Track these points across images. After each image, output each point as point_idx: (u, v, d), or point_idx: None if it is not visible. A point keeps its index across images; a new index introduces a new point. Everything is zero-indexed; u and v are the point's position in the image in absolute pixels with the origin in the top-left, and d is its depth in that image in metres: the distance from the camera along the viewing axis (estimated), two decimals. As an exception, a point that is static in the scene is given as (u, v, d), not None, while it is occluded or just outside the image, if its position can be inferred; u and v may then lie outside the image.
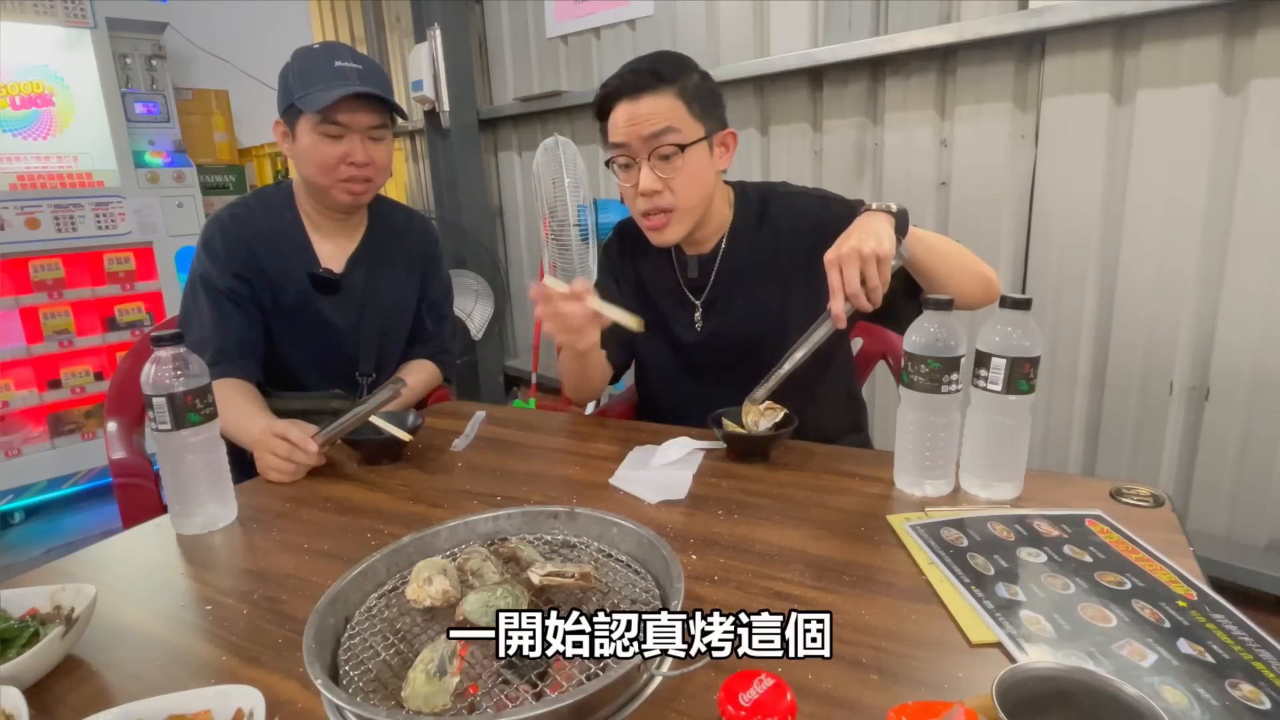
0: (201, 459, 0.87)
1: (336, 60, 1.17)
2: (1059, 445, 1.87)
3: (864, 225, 0.93)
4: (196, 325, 1.19)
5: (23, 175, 2.56)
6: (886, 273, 0.90)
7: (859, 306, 0.91)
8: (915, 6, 1.89)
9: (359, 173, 1.21)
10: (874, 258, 0.88)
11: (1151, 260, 1.65)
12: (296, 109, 1.16)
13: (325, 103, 1.13)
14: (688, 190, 1.07)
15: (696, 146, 1.06)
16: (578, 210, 2.36)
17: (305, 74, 1.17)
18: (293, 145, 1.21)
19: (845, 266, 0.89)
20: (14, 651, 0.58)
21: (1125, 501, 0.82)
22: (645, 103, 1.04)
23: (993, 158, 1.83)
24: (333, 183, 1.20)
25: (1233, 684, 0.51)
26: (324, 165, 1.18)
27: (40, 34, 2.57)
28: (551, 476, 1.00)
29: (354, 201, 1.24)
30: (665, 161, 1.05)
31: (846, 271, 0.89)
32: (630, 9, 2.57)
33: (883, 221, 0.93)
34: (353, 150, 1.18)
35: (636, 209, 1.12)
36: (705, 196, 1.11)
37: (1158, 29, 1.56)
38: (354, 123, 1.18)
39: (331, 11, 3.84)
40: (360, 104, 1.17)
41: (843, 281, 0.90)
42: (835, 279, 0.90)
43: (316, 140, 1.17)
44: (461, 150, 3.15)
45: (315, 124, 1.16)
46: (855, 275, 0.89)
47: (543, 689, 0.54)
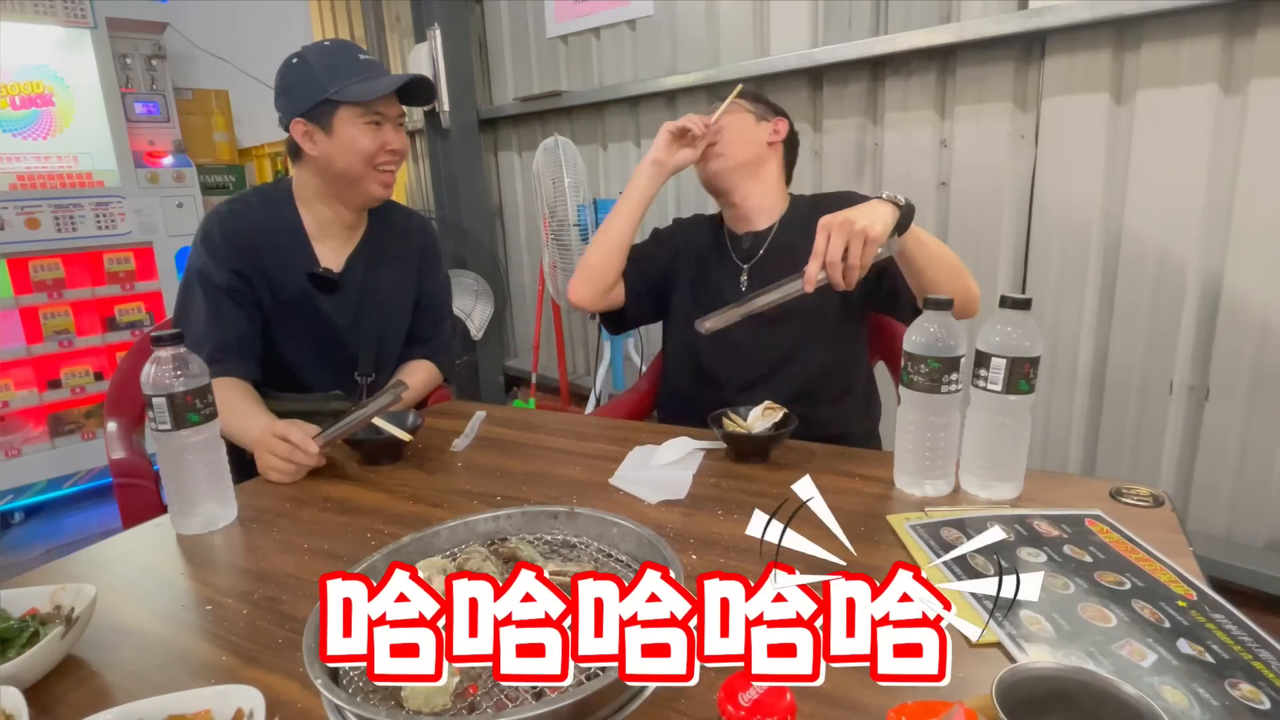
0: (201, 459, 0.87)
1: (358, 54, 1.19)
2: (1059, 445, 1.87)
3: (868, 206, 0.97)
4: (193, 322, 1.18)
5: (23, 175, 2.56)
6: (870, 254, 0.93)
7: (832, 280, 0.94)
8: (915, 6, 1.88)
9: (394, 160, 1.23)
10: (863, 235, 0.92)
11: (1151, 260, 1.65)
12: (333, 102, 1.16)
13: (377, 92, 1.16)
14: (728, 133, 1.26)
15: (746, 112, 1.30)
16: (578, 210, 2.36)
17: (334, 69, 1.17)
18: (327, 140, 1.18)
19: (834, 233, 0.93)
20: (14, 651, 0.59)
21: (1125, 501, 0.82)
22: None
23: (993, 158, 1.83)
24: (369, 171, 1.21)
25: (1232, 684, 0.51)
26: (368, 154, 1.19)
27: (40, 34, 2.57)
28: (551, 476, 1.00)
29: (385, 193, 1.26)
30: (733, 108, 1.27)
31: (833, 238, 0.93)
32: (630, 9, 2.57)
33: (886, 209, 0.97)
34: (390, 138, 1.21)
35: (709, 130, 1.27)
36: (744, 144, 1.26)
37: (1158, 29, 1.56)
38: (390, 112, 1.21)
39: (331, 11, 3.83)
40: (391, 94, 1.19)
41: (826, 247, 0.93)
42: (821, 241, 0.94)
43: (361, 130, 1.18)
44: (461, 150, 3.15)
45: (359, 114, 1.17)
46: (840, 245, 0.92)
47: (543, 689, 0.54)
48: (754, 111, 1.29)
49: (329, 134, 1.18)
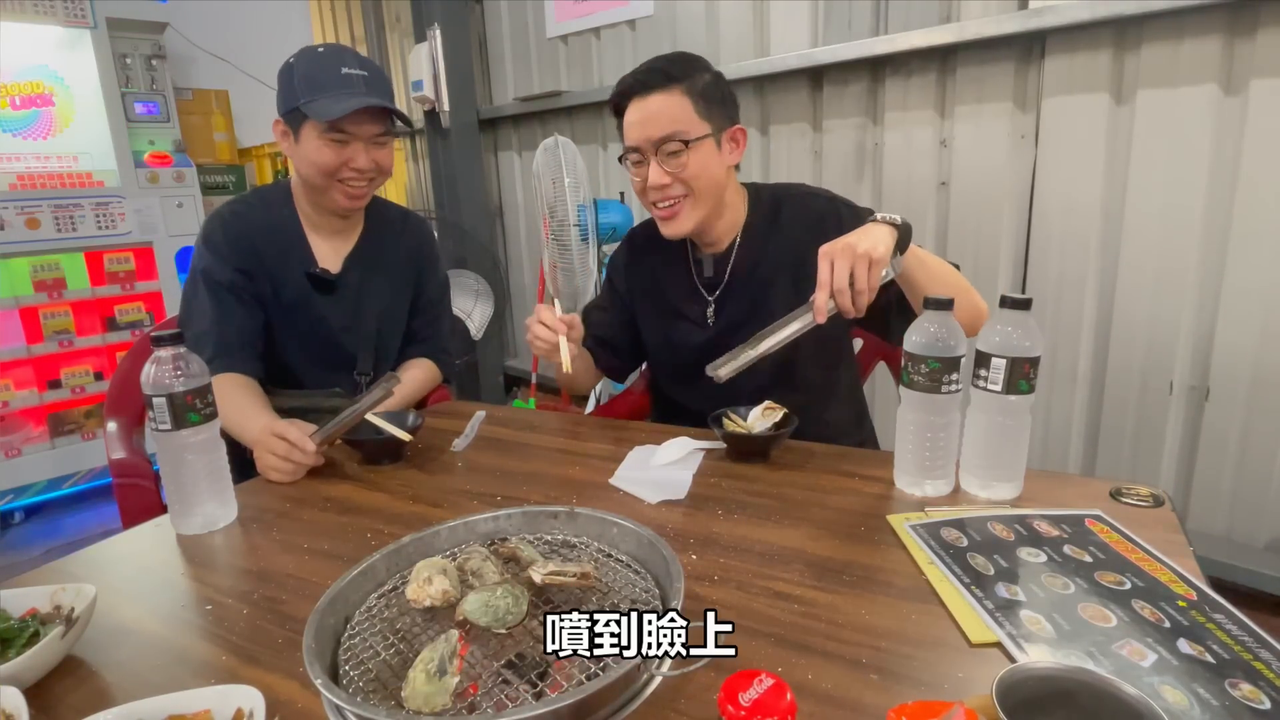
0: (201, 459, 0.87)
1: (343, 67, 1.16)
2: (1059, 445, 1.87)
3: (865, 229, 0.94)
4: (197, 319, 1.19)
5: (23, 175, 2.56)
6: (876, 277, 0.90)
7: (842, 307, 0.91)
8: (915, 6, 1.89)
9: (360, 177, 1.21)
10: (866, 258, 0.89)
11: (1151, 260, 1.65)
12: (301, 113, 1.16)
13: (335, 114, 1.13)
14: (696, 181, 1.11)
15: (702, 143, 1.09)
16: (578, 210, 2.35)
17: (311, 80, 1.16)
18: (294, 146, 1.21)
19: (837, 260, 0.90)
20: (14, 651, 0.59)
21: (1125, 501, 0.82)
22: (654, 100, 1.09)
23: (993, 158, 1.83)
24: (331, 184, 1.21)
25: (1233, 684, 0.51)
26: (326, 169, 1.19)
27: (40, 34, 2.57)
28: (551, 476, 1.00)
29: (351, 205, 1.25)
30: (673, 158, 1.10)
31: (837, 265, 0.90)
32: (630, 9, 2.57)
33: (884, 230, 0.94)
34: (355, 156, 1.19)
35: (648, 201, 1.16)
36: (715, 186, 1.13)
37: (1158, 29, 1.56)
38: (360, 132, 1.18)
39: (331, 11, 3.83)
40: (366, 114, 1.17)
41: (831, 276, 0.90)
42: (825, 271, 0.91)
43: (320, 145, 1.17)
44: (461, 150, 3.15)
45: (321, 131, 1.16)
46: (845, 271, 0.89)
47: (543, 689, 0.54)
48: (710, 125, 1.09)
49: (297, 142, 1.20)
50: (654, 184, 1.11)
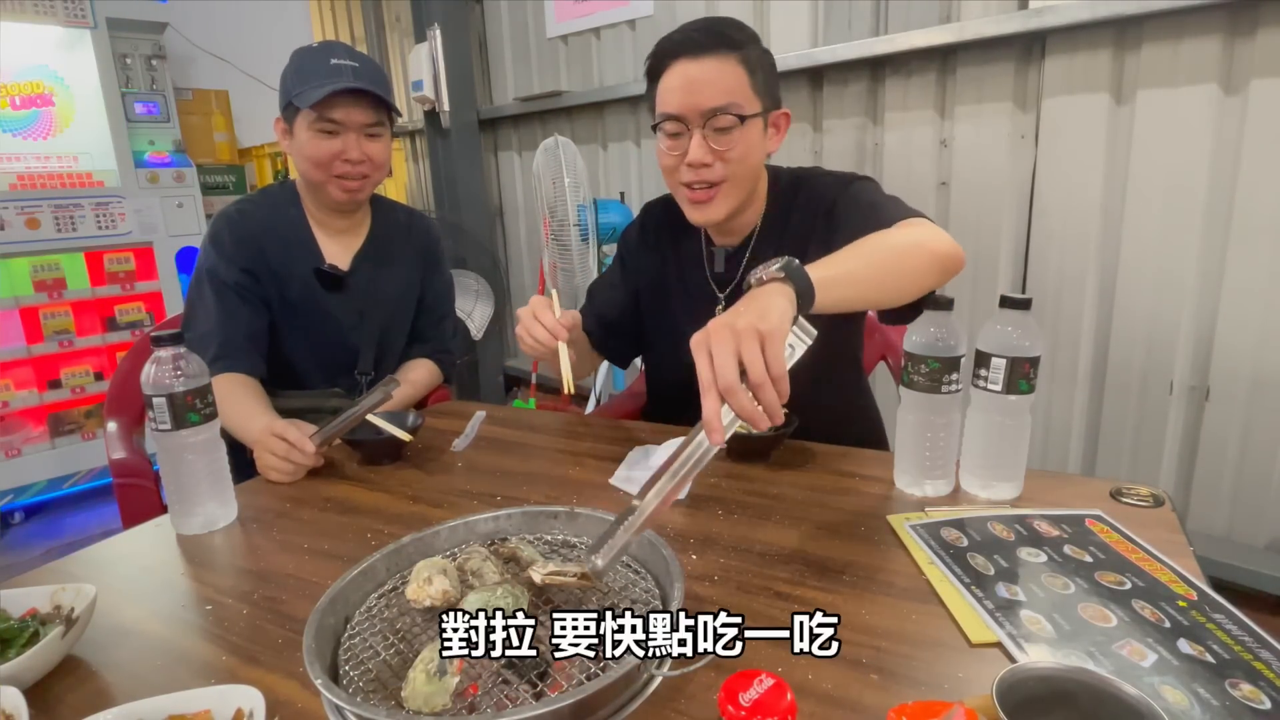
0: (201, 459, 0.87)
1: (333, 58, 1.18)
2: (1059, 445, 1.87)
3: (745, 299, 0.68)
4: (202, 319, 1.20)
5: (23, 175, 2.56)
6: (776, 355, 0.61)
7: (745, 416, 0.60)
8: (915, 6, 1.88)
9: (354, 169, 1.22)
10: (754, 334, 0.61)
11: (1151, 260, 1.65)
12: (294, 106, 1.17)
13: (318, 98, 1.14)
14: (739, 165, 0.99)
15: (753, 121, 0.97)
16: (578, 210, 2.35)
17: (302, 72, 1.18)
18: (291, 142, 1.23)
19: (715, 348, 0.61)
20: (14, 651, 0.58)
21: (1125, 501, 0.82)
22: (708, 65, 0.94)
23: (993, 158, 1.83)
24: (327, 178, 1.22)
25: (1233, 684, 0.51)
26: (318, 161, 1.20)
27: (40, 34, 2.57)
28: (551, 476, 1.00)
29: (348, 199, 1.25)
30: (722, 134, 0.96)
31: (717, 355, 0.61)
32: (630, 9, 2.57)
33: (771, 289, 0.67)
34: (347, 147, 1.20)
35: (679, 179, 1.02)
36: (753, 173, 1.02)
37: (1158, 29, 1.56)
38: (350, 120, 1.19)
39: (331, 11, 3.83)
40: (355, 101, 1.18)
41: (714, 374, 0.61)
42: (704, 368, 0.61)
43: (312, 136, 1.19)
44: (461, 150, 3.15)
45: (311, 120, 1.18)
46: (730, 361, 0.60)
47: (543, 689, 0.54)
48: (761, 104, 0.98)
49: (292, 137, 1.22)
50: (694, 160, 0.97)
